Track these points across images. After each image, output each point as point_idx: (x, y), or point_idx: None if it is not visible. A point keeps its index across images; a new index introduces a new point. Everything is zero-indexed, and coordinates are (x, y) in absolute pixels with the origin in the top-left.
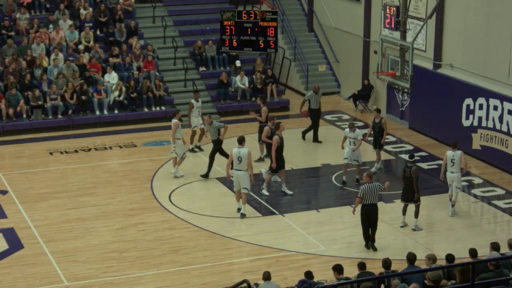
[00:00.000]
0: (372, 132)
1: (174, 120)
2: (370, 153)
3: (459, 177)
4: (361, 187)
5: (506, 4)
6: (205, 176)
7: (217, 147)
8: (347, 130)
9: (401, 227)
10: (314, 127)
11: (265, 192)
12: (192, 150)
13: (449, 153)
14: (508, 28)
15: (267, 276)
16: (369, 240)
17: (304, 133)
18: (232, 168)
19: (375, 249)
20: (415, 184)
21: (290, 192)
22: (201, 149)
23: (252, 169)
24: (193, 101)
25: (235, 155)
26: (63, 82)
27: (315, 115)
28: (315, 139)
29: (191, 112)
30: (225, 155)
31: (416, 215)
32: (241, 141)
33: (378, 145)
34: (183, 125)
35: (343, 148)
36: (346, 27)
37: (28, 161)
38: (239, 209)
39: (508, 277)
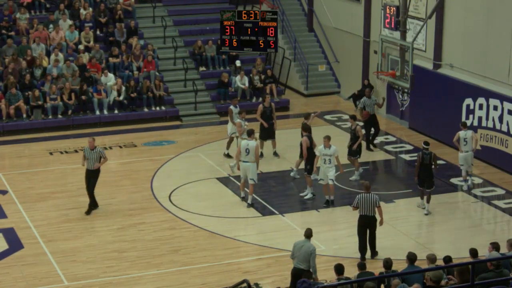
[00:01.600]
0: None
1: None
2: (367, 154)
3: (472, 155)
4: (357, 196)
5: (506, 4)
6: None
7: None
8: (322, 147)
9: (426, 214)
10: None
11: (309, 195)
12: (228, 156)
13: (462, 133)
14: (508, 28)
15: (308, 234)
16: (366, 250)
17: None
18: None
19: (376, 254)
20: (435, 169)
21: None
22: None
23: (258, 161)
24: (232, 107)
25: (243, 147)
26: (63, 82)
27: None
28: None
29: (233, 119)
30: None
31: (429, 200)
32: (250, 133)
33: (349, 151)
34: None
35: (315, 171)
36: (346, 27)
37: (28, 161)
38: (243, 198)
39: (508, 277)
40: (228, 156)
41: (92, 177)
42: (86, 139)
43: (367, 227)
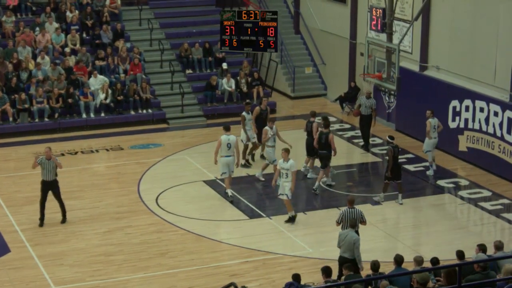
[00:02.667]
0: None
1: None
2: (354, 156)
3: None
4: (341, 211)
5: (491, 6)
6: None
7: None
8: (281, 160)
9: (401, 204)
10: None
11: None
12: (245, 165)
13: (432, 120)
14: (493, 30)
15: (353, 224)
16: None
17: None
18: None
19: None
20: (390, 162)
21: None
22: (249, 164)
23: (239, 155)
24: (244, 113)
25: (224, 142)
26: (49, 85)
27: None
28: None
29: (245, 126)
30: None
31: (401, 190)
32: (228, 128)
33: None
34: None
35: (274, 185)
36: (332, 29)
37: (14, 165)
38: (231, 196)
39: (495, 279)
40: (246, 165)
41: (52, 188)
42: (73, 142)
43: None
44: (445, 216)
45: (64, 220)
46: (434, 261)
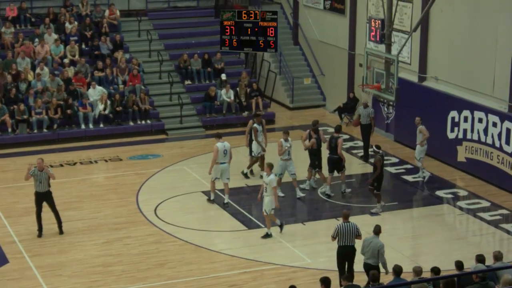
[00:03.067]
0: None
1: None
2: (353, 167)
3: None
4: (336, 225)
5: (490, 17)
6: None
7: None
8: (265, 174)
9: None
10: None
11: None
12: (246, 175)
13: (424, 127)
14: (492, 41)
15: (377, 230)
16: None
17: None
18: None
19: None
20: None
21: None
22: (249, 175)
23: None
24: (256, 125)
25: (221, 149)
26: (48, 96)
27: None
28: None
29: (257, 137)
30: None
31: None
32: (220, 135)
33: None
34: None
35: (259, 199)
36: (331, 40)
37: (13, 175)
38: (213, 200)
39: None
40: (246, 175)
41: (46, 199)
42: (72, 153)
43: (346, 257)
44: (444, 227)
45: (61, 232)
46: (436, 270)
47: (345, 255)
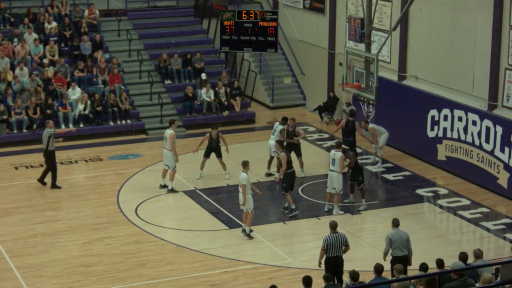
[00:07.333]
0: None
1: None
2: None
3: None
4: (324, 237)
5: (468, 17)
6: None
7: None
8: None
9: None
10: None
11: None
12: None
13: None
14: (471, 40)
15: (396, 223)
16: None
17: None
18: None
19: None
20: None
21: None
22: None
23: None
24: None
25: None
26: (27, 96)
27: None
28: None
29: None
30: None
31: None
32: (171, 123)
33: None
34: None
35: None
36: (311, 40)
37: None
38: (166, 186)
39: (473, 286)
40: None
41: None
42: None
43: (335, 267)
44: (425, 225)
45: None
46: (425, 267)
47: (335, 266)
